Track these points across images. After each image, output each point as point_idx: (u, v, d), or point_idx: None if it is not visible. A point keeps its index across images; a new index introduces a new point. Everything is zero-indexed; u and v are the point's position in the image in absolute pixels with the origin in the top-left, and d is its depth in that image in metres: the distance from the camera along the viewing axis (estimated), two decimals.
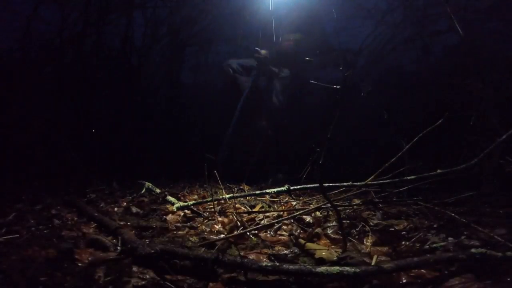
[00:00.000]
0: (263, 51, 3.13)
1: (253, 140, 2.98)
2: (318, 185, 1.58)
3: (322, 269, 0.80)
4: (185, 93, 4.57)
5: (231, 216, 1.50)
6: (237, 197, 1.72)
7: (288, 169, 3.12)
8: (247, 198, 1.89)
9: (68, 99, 3.17)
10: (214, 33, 4.63)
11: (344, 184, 1.57)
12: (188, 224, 1.48)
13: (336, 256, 0.99)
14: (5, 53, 3.05)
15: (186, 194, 2.23)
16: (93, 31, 3.46)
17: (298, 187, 1.69)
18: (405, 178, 1.42)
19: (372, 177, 1.44)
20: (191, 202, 1.69)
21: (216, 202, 1.67)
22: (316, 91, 3.74)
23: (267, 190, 1.72)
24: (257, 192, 1.75)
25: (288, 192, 1.67)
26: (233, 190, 2.38)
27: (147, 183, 2.17)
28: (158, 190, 2.09)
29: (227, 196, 1.66)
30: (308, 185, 1.70)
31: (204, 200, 1.74)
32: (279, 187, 1.70)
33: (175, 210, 1.64)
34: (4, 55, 3.03)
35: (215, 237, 1.25)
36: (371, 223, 1.37)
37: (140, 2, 3.90)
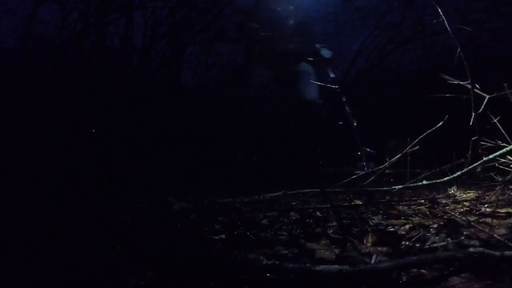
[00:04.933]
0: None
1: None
2: (315, 189, 1.62)
3: (321, 267, 0.81)
4: (185, 93, 4.57)
5: (231, 215, 1.51)
6: (236, 201, 1.74)
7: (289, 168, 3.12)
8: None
9: (68, 99, 3.17)
10: (214, 33, 4.64)
11: (339, 190, 1.62)
12: (188, 224, 1.48)
13: (336, 256, 1.00)
14: (5, 53, 3.06)
15: (186, 194, 2.23)
16: (93, 31, 3.46)
17: (295, 192, 1.73)
18: (393, 187, 1.46)
19: (369, 180, 1.49)
20: (190, 205, 1.69)
21: (216, 205, 1.68)
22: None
23: (265, 196, 1.76)
24: (256, 197, 1.79)
25: (284, 197, 1.72)
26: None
27: (149, 183, 2.17)
28: (159, 191, 2.09)
29: (227, 200, 1.68)
30: (306, 190, 1.73)
31: (204, 203, 1.75)
32: (275, 193, 1.74)
33: (176, 210, 1.64)
34: (4, 55, 3.03)
35: (215, 237, 1.25)
36: (371, 223, 1.37)
37: (140, 2, 3.90)
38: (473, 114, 1.53)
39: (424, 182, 1.53)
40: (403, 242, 1.14)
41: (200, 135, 3.83)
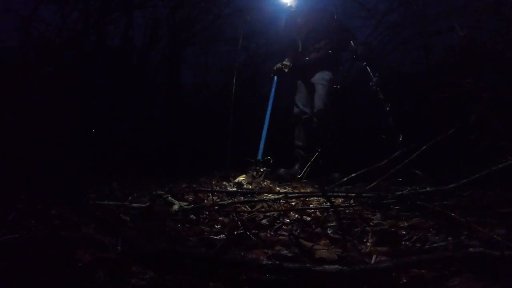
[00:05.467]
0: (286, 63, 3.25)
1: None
2: (315, 193, 1.63)
3: (321, 267, 0.81)
4: (185, 93, 4.57)
5: (231, 215, 1.51)
6: (236, 203, 1.75)
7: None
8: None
9: (68, 99, 3.17)
10: (214, 33, 4.64)
11: (341, 194, 1.63)
12: (188, 224, 1.48)
13: (336, 256, 1.00)
14: (5, 53, 3.05)
15: (186, 194, 2.23)
16: (93, 31, 3.46)
17: (296, 194, 1.74)
18: (397, 193, 1.47)
19: (370, 186, 1.50)
20: (190, 206, 1.69)
21: (216, 206, 1.68)
22: None
23: (264, 198, 1.77)
24: (255, 199, 1.81)
25: (285, 199, 1.73)
26: (231, 183, 2.43)
27: (148, 183, 2.17)
28: (159, 191, 2.09)
29: (226, 202, 1.69)
30: (307, 193, 1.74)
31: (204, 204, 1.76)
32: (276, 195, 1.76)
33: (175, 210, 1.64)
34: (3, 55, 3.03)
35: (215, 237, 1.25)
36: (371, 223, 1.37)
37: (140, 2, 3.90)
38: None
39: (428, 189, 1.53)
40: (403, 242, 1.14)
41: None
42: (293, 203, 1.78)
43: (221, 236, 1.26)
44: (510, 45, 3.16)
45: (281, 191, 2.33)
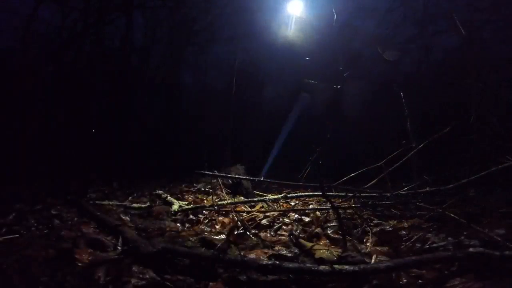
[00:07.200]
0: None
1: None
2: (315, 193, 1.61)
3: (321, 267, 0.80)
4: (185, 93, 4.57)
5: (231, 216, 1.50)
6: (236, 203, 1.74)
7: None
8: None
9: (68, 99, 3.17)
10: (214, 33, 4.63)
11: (341, 194, 1.62)
12: (188, 224, 1.48)
13: (336, 256, 0.99)
14: (5, 53, 3.05)
15: (186, 194, 2.23)
16: (93, 31, 3.46)
17: (295, 195, 1.73)
18: (396, 192, 1.46)
19: (369, 184, 1.49)
20: (189, 206, 1.69)
21: (216, 206, 1.67)
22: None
23: (264, 198, 1.76)
24: (255, 199, 1.81)
25: (284, 199, 1.72)
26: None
27: (148, 183, 2.17)
28: (159, 191, 2.09)
29: (227, 202, 1.68)
30: (306, 193, 1.72)
31: (204, 204, 1.75)
32: (276, 195, 1.74)
33: (175, 210, 1.64)
34: (4, 55, 3.03)
35: (215, 237, 1.25)
36: (371, 223, 1.37)
37: (140, 2, 3.90)
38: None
39: (428, 189, 1.53)
40: (403, 242, 1.14)
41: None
42: (292, 203, 1.78)
43: (221, 236, 1.26)
44: (510, 45, 3.16)
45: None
